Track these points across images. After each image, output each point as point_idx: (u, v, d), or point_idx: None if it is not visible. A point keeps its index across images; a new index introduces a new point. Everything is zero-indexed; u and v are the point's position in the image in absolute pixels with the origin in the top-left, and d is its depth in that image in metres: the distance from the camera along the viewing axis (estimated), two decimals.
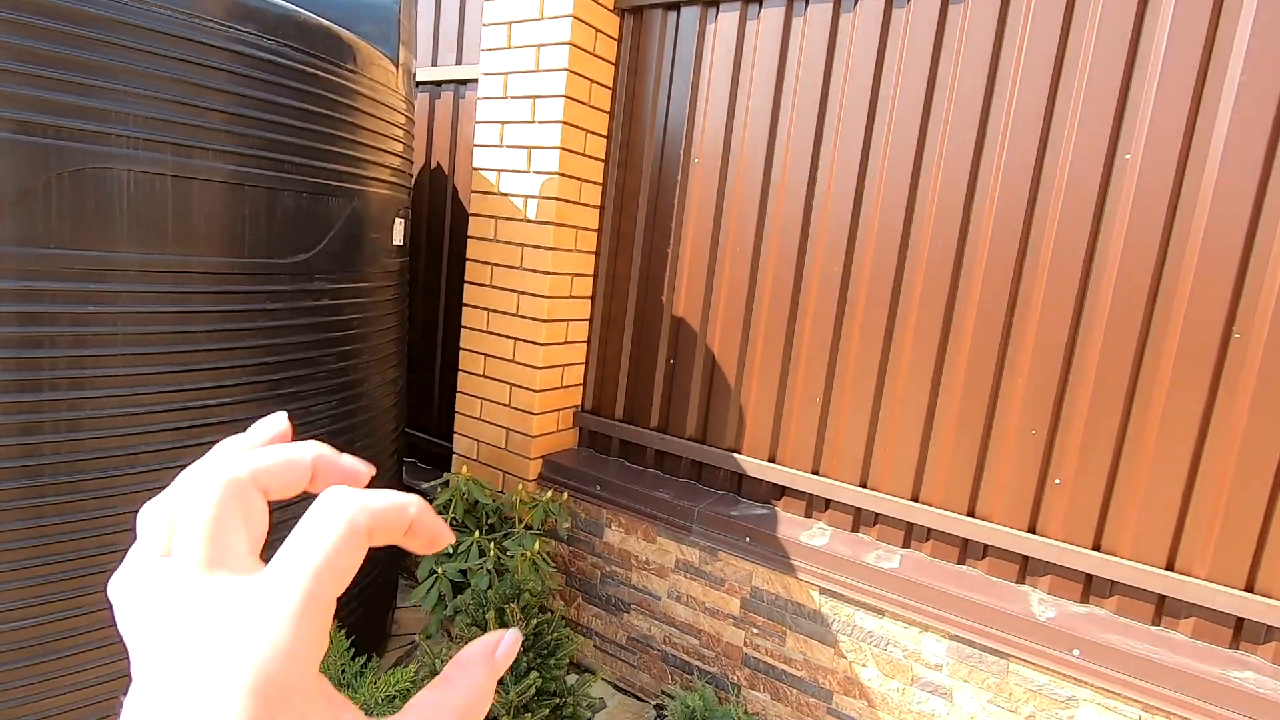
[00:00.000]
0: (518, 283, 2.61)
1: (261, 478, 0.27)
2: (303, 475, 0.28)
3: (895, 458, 2.17)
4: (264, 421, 0.31)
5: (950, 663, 1.93)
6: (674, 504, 2.37)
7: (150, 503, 0.28)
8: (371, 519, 0.25)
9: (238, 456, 0.28)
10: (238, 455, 0.28)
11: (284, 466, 0.28)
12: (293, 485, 0.28)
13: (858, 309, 2.21)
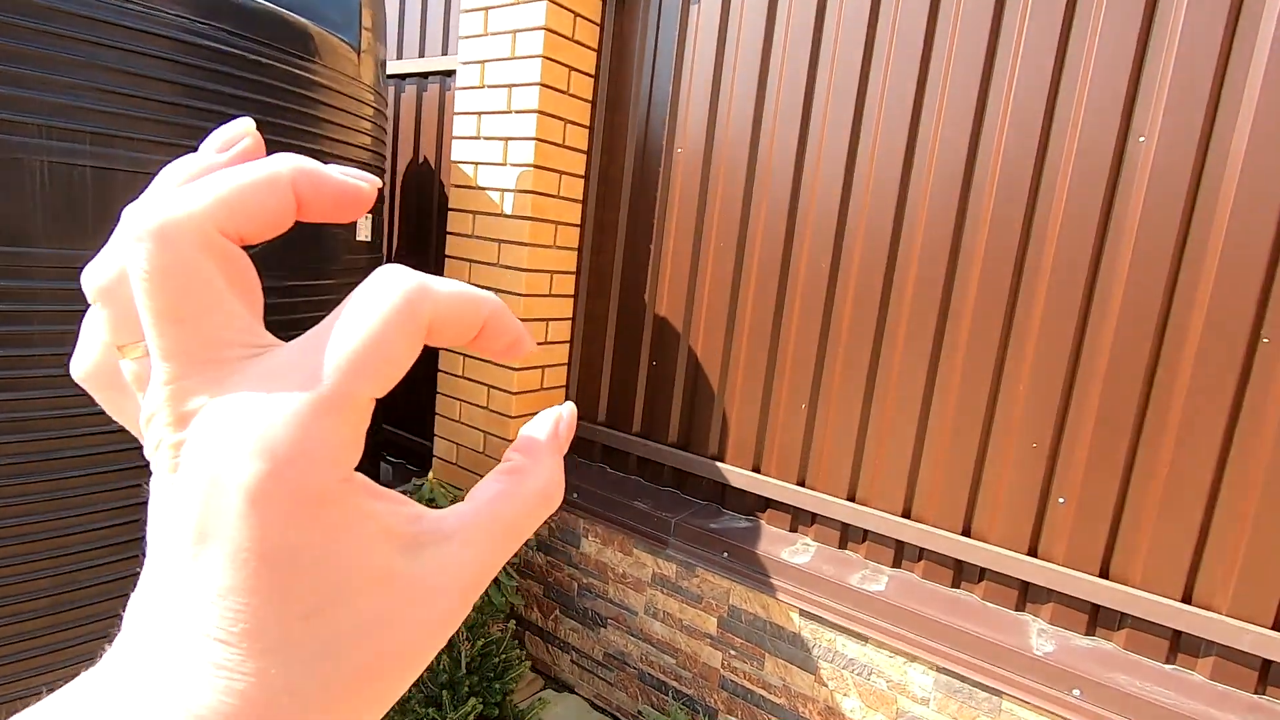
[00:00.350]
0: (495, 280, 2.50)
1: (224, 216, 0.19)
2: (284, 203, 0.20)
3: (885, 470, 2.00)
4: (220, 131, 0.22)
5: (938, 697, 1.76)
6: (650, 514, 2.24)
7: (92, 263, 0.21)
8: (437, 305, 0.19)
9: (187, 189, 0.19)
10: (187, 187, 0.19)
11: (254, 192, 0.19)
12: (273, 220, 0.20)
13: (846, 307, 2.04)
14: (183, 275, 0.18)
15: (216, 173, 0.19)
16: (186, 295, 0.18)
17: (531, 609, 2.60)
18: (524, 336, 0.23)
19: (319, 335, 0.18)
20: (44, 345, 1.46)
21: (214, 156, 0.21)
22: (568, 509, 2.43)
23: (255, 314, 0.20)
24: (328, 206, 0.20)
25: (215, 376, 0.18)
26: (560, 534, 2.47)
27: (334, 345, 0.18)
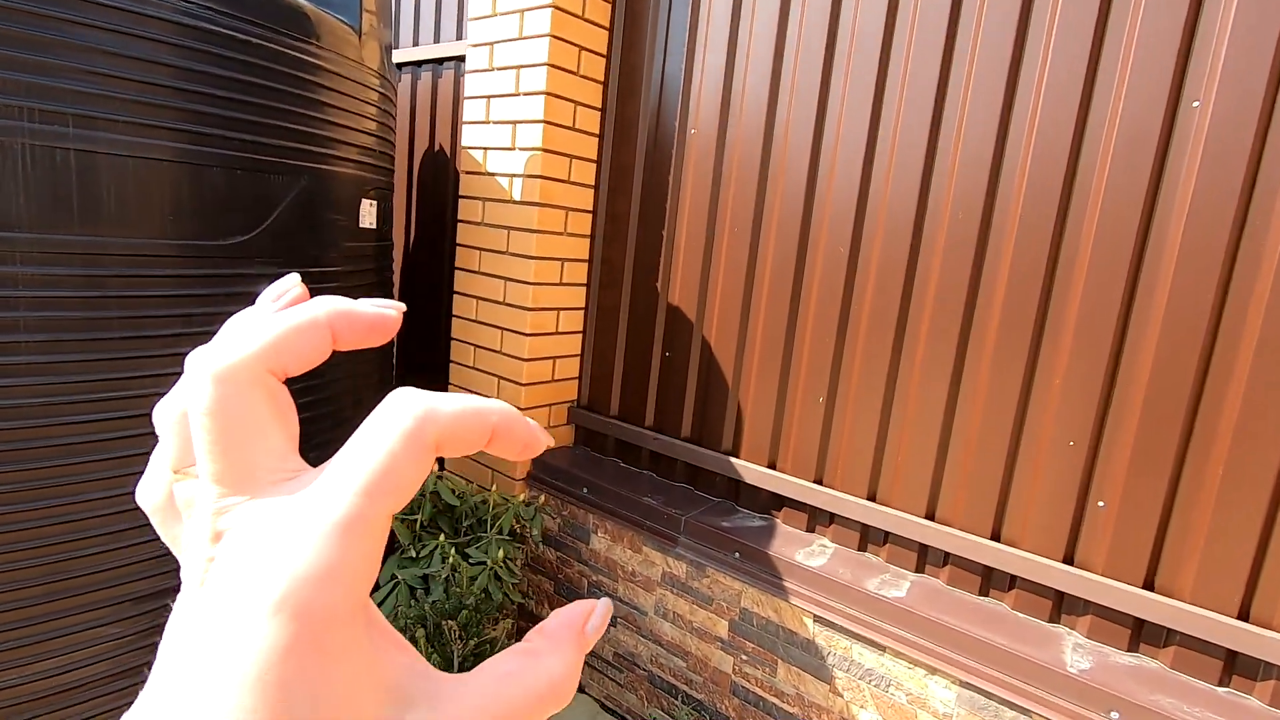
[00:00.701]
0: (504, 269, 2.43)
1: (272, 357, 0.22)
2: (322, 341, 0.23)
3: (908, 469, 1.86)
4: (273, 286, 0.27)
5: (961, 713, 1.63)
6: (660, 511, 2.15)
7: (163, 400, 0.24)
8: (441, 428, 0.21)
9: (241, 336, 0.22)
10: (241, 334, 0.22)
11: (296, 335, 0.22)
12: (312, 355, 0.23)
13: (866, 295, 1.91)
14: (234, 411, 0.21)
15: (266, 318, 0.23)
16: (236, 428, 0.21)
17: (542, 605, 2.54)
18: (535, 440, 0.24)
19: (338, 460, 0.20)
20: (28, 332, 1.44)
21: (270, 307, 0.25)
22: (578, 504, 2.35)
23: (291, 439, 0.23)
24: (360, 336, 0.24)
25: (250, 499, 0.21)
26: (570, 530, 2.40)
27: (349, 471, 0.20)
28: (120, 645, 1.66)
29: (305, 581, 0.18)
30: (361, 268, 2.20)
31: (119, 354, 1.55)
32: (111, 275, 1.52)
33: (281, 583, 0.18)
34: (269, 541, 0.19)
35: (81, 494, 1.53)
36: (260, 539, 0.19)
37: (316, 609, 0.18)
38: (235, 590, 0.19)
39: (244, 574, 0.19)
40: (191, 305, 1.65)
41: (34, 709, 1.57)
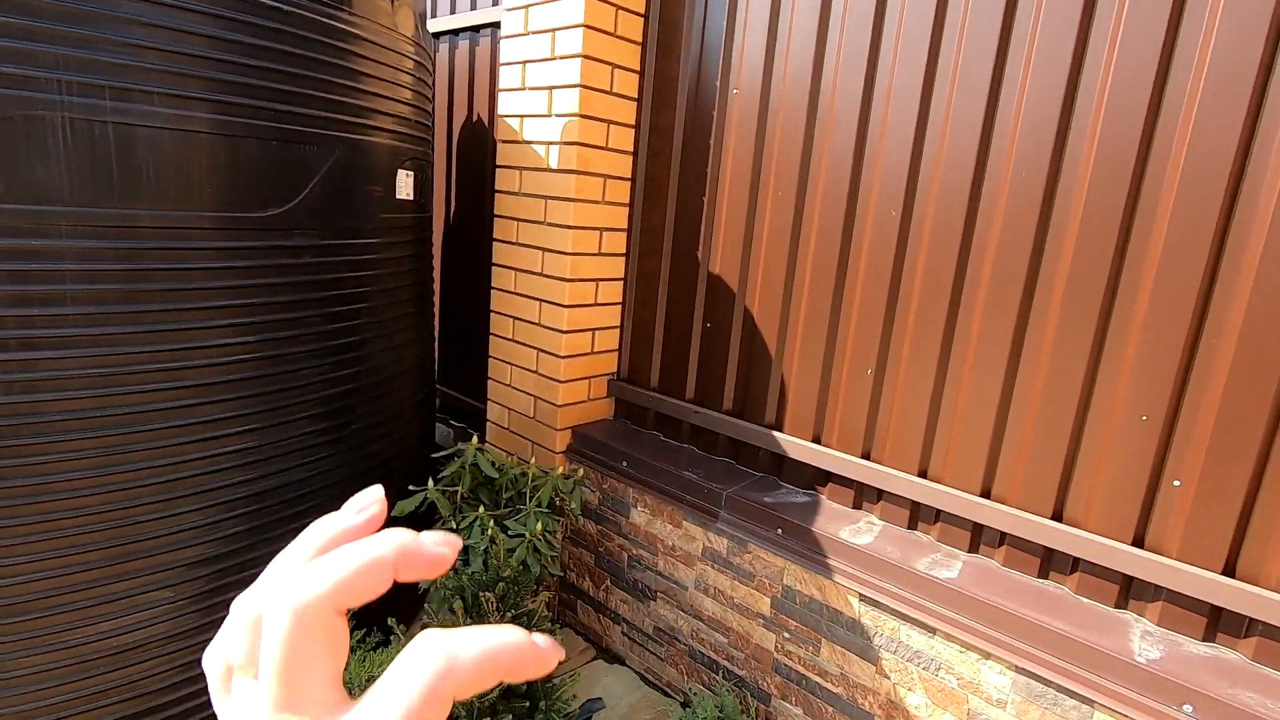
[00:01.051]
0: (542, 239, 2.39)
1: (342, 598, 0.25)
2: (386, 579, 0.26)
3: (962, 444, 1.77)
4: (358, 497, 0.30)
5: (1016, 700, 1.55)
6: (700, 485, 2.10)
7: (246, 594, 0.28)
8: (459, 682, 0.24)
9: (319, 573, 0.25)
10: (318, 569, 0.25)
11: (365, 576, 0.25)
12: (376, 591, 0.26)
13: (919, 259, 1.80)
14: (302, 646, 0.25)
15: (339, 553, 0.26)
16: (298, 661, 0.25)
17: (583, 578, 2.54)
18: (546, 666, 0.26)
19: (366, 706, 0.23)
20: (75, 305, 1.46)
21: (352, 518, 0.29)
22: (618, 478, 2.33)
23: (338, 671, 0.25)
24: (420, 572, 0.27)
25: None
26: (610, 503, 2.38)
27: (379, 714, 0.23)
28: (175, 609, 1.72)
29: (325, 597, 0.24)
30: (399, 239, 2.19)
31: (161, 325, 1.57)
32: (150, 248, 1.53)
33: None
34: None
35: (132, 463, 1.57)
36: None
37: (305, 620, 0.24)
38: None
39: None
40: (230, 278, 1.66)
41: (96, 667, 1.64)
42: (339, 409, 1.98)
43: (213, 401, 1.67)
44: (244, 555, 1.80)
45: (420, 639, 0.24)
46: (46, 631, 1.56)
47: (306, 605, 0.24)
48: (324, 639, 0.24)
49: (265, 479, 1.81)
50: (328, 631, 0.25)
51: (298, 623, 0.24)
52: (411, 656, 0.23)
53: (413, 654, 0.23)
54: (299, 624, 0.24)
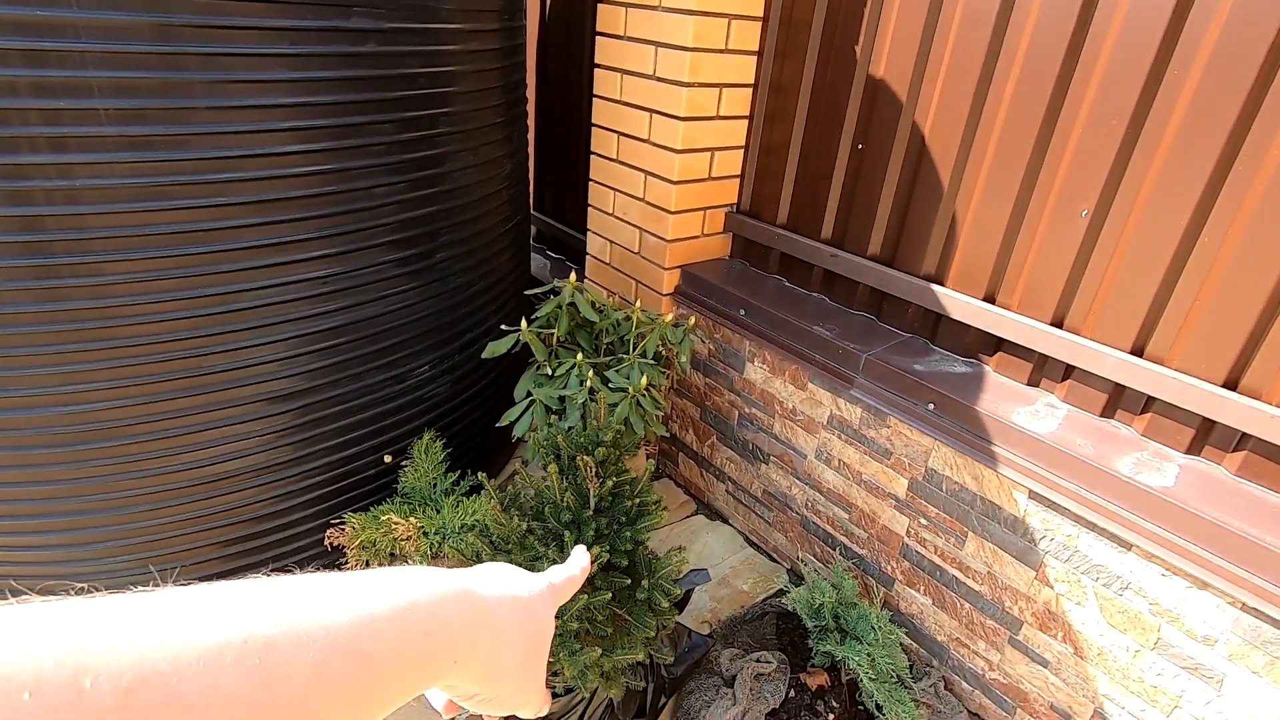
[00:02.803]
0: (656, 31, 1.91)
1: (568, 594, 0.53)
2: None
3: (1208, 318, 1.32)
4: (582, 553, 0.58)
5: (1234, 641, 1.24)
6: (834, 344, 1.76)
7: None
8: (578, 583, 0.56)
9: (562, 572, 0.54)
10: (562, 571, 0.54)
11: (578, 583, 0.55)
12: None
13: (1197, 59, 1.24)
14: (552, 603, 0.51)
15: (566, 568, 0.54)
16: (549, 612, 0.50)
17: (686, 430, 2.34)
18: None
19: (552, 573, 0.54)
20: (102, 96, 1.21)
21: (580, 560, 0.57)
22: (733, 327, 2.02)
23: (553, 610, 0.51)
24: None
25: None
26: (723, 355, 2.10)
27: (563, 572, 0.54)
28: (264, 442, 1.64)
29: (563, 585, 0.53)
30: (484, 26, 1.78)
31: (206, 126, 1.31)
32: (184, 25, 1.23)
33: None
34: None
35: (189, 289, 1.40)
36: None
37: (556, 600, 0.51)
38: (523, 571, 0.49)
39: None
40: (281, 68, 1.36)
41: (194, 494, 1.61)
42: (419, 235, 1.73)
43: (274, 221, 1.45)
44: (328, 391, 1.67)
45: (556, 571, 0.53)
46: (141, 457, 1.51)
47: (559, 585, 0.51)
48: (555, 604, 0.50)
49: (343, 311, 1.63)
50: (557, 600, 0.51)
51: (555, 593, 0.50)
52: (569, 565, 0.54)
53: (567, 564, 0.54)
54: (553, 591, 0.50)
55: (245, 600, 0.28)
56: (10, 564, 1.57)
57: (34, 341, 1.32)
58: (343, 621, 0.30)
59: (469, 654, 0.38)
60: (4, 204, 1.22)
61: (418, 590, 0.35)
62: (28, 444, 1.41)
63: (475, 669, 0.39)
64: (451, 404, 2.03)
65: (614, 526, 1.40)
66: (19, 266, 1.27)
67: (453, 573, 0.40)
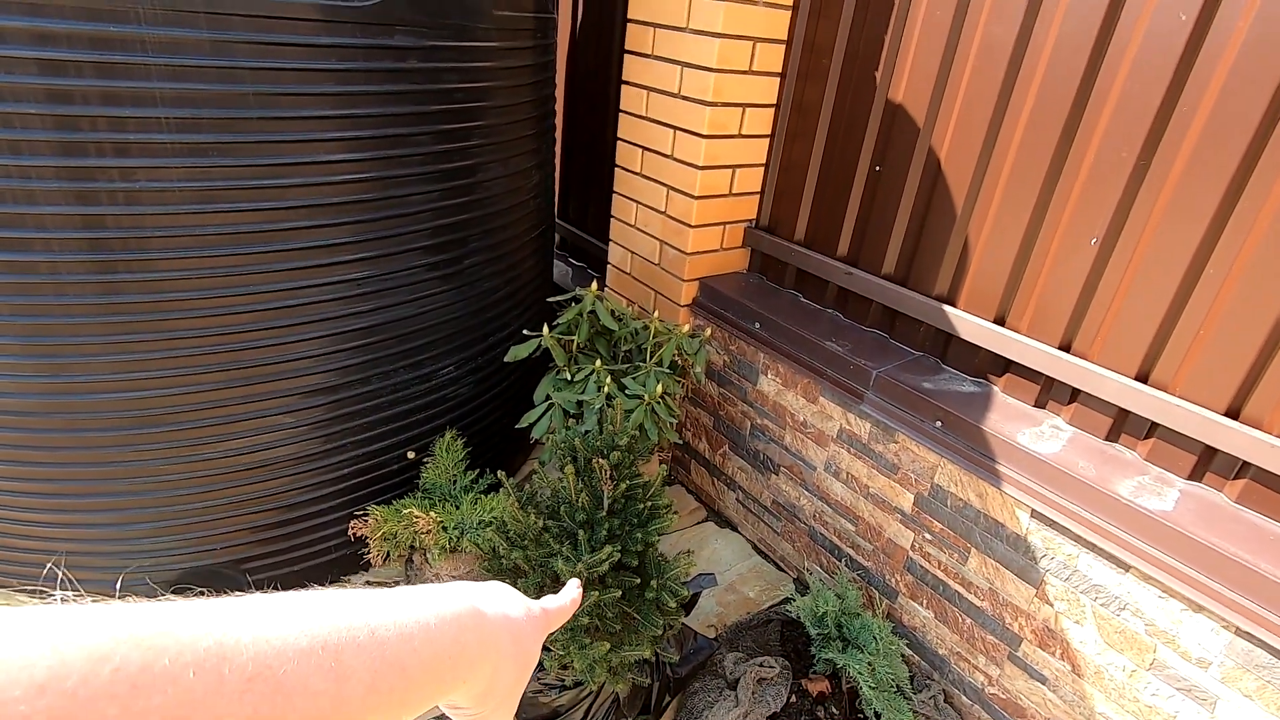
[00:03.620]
0: (682, 51, 1.98)
1: (560, 621, 0.57)
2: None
3: (1211, 347, 1.35)
4: (575, 586, 0.61)
5: (1227, 665, 1.26)
6: (846, 360, 1.81)
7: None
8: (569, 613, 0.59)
9: (555, 602, 0.57)
10: (556, 601, 0.57)
11: (571, 611, 0.58)
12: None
13: (1210, 89, 1.29)
14: (540, 636, 0.53)
15: (559, 598, 0.58)
16: (538, 640, 0.53)
17: (699, 438, 2.40)
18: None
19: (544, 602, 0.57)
20: (165, 106, 1.31)
21: (571, 592, 0.59)
22: (747, 340, 2.08)
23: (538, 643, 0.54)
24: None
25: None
26: (737, 367, 2.15)
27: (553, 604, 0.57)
28: (297, 433, 1.72)
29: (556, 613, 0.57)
30: (518, 44, 1.86)
31: (258, 135, 1.40)
32: (239, 41, 1.32)
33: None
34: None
35: (239, 286, 1.49)
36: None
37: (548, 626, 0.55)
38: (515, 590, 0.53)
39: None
40: (328, 82, 1.44)
41: (233, 480, 1.69)
42: (450, 241, 1.81)
43: (317, 225, 1.53)
44: (358, 388, 1.76)
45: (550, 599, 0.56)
46: (186, 443, 1.60)
47: (552, 611, 0.54)
48: (544, 631, 0.53)
49: (376, 311, 1.71)
50: (547, 628, 0.54)
51: (546, 619, 0.53)
52: (559, 595, 0.57)
53: (560, 595, 0.57)
54: (546, 615, 0.53)
55: (319, 610, 0.34)
56: (59, 540, 1.66)
57: (92, 332, 1.41)
58: (390, 638, 0.36)
59: (474, 674, 0.42)
60: (71, 203, 1.32)
61: (442, 608, 0.41)
62: (84, 427, 1.50)
63: (475, 688, 0.44)
64: (473, 404, 2.10)
65: (626, 528, 1.46)
66: (81, 262, 1.36)
67: (463, 590, 0.45)
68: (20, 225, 1.31)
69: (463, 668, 0.41)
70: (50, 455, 1.55)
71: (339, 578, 1.99)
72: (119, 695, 0.25)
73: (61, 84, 1.23)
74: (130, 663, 0.25)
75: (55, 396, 1.47)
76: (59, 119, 1.26)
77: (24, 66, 1.20)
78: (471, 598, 0.44)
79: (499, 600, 0.48)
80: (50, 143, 1.27)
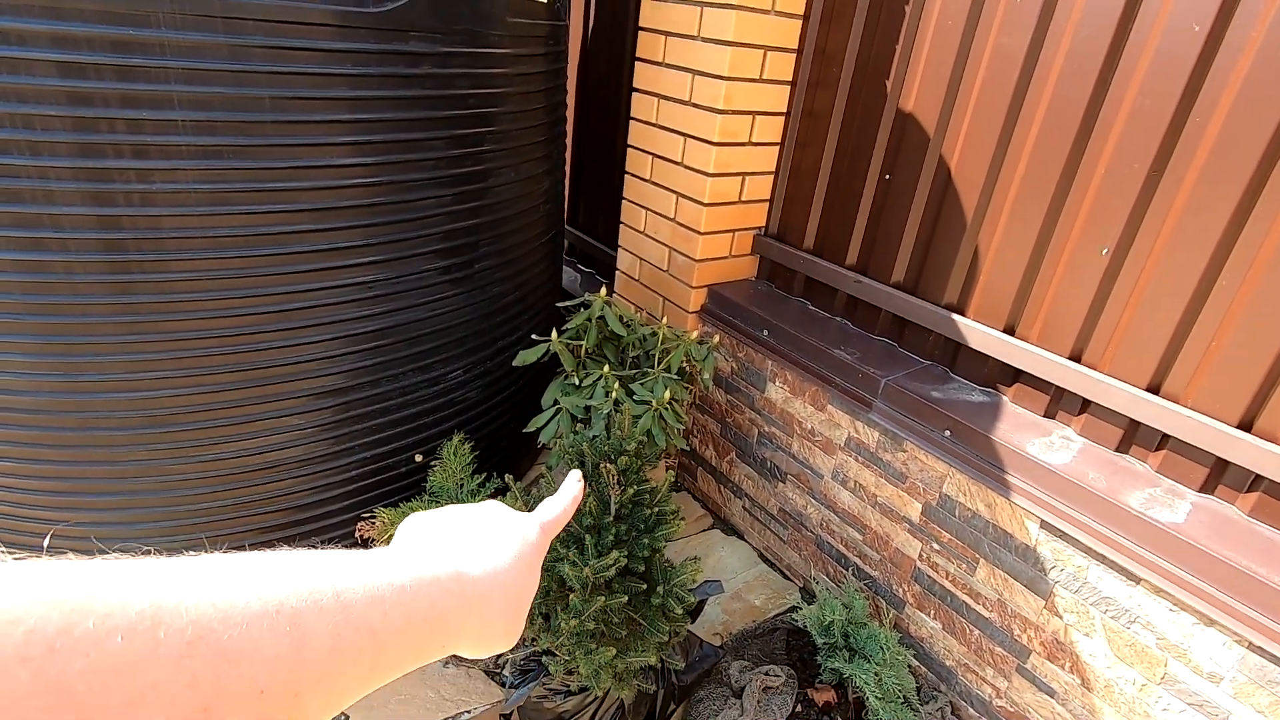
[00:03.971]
0: (693, 59, 1.99)
1: (558, 527, 0.54)
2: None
3: (1225, 359, 1.34)
4: (576, 479, 0.58)
5: (1240, 680, 1.25)
6: (854, 368, 1.81)
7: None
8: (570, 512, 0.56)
9: (556, 506, 0.55)
10: (551, 508, 0.55)
11: (569, 515, 0.56)
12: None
13: (1222, 102, 1.28)
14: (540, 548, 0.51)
15: (556, 500, 0.55)
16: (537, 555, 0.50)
17: (706, 445, 2.39)
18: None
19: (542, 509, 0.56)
20: (182, 109, 1.32)
21: (573, 488, 0.57)
22: (756, 347, 2.08)
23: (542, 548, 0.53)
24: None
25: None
26: (745, 374, 2.15)
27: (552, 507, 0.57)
28: (305, 435, 1.73)
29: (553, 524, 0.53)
30: (530, 51, 1.87)
31: (271, 139, 1.41)
32: (256, 46, 1.34)
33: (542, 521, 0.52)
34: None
35: (251, 288, 1.50)
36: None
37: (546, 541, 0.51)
38: (508, 512, 0.50)
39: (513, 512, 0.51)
40: (342, 87, 1.46)
41: (241, 480, 1.70)
42: (461, 245, 1.82)
43: (330, 228, 1.54)
44: (367, 390, 1.76)
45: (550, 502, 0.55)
46: (192, 444, 1.61)
47: (550, 524, 0.52)
48: (548, 542, 0.52)
49: (387, 315, 1.72)
50: (550, 538, 0.52)
51: (544, 533, 0.51)
52: (560, 495, 0.56)
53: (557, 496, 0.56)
54: (544, 534, 0.51)
55: (279, 572, 0.32)
56: (70, 539, 1.67)
57: (107, 331, 1.43)
58: (357, 601, 0.34)
59: (457, 638, 0.42)
60: (88, 204, 1.33)
61: (419, 570, 0.39)
62: (96, 425, 1.51)
63: (460, 648, 0.43)
64: (481, 408, 2.11)
65: (633, 533, 1.45)
66: (97, 262, 1.38)
67: (446, 551, 0.43)
68: (38, 225, 1.33)
69: (442, 633, 0.39)
70: (62, 454, 1.56)
71: None
72: (31, 658, 0.23)
73: (82, 86, 1.25)
74: (48, 624, 0.24)
75: (68, 395, 1.48)
76: (78, 120, 1.27)
77: (44, 69, 1.22)
78: (453, 558, 0.42)
79: (486, 553, 0.45)
80: (69, 144, 1.28)
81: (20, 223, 1.32)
